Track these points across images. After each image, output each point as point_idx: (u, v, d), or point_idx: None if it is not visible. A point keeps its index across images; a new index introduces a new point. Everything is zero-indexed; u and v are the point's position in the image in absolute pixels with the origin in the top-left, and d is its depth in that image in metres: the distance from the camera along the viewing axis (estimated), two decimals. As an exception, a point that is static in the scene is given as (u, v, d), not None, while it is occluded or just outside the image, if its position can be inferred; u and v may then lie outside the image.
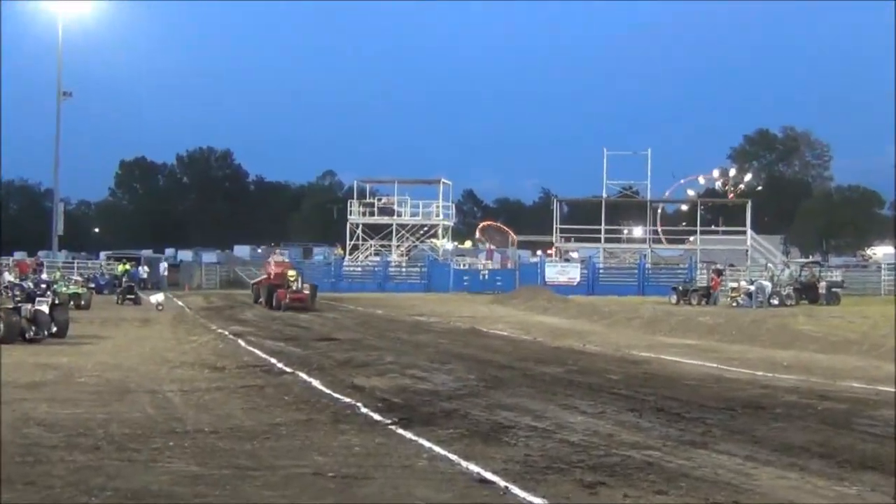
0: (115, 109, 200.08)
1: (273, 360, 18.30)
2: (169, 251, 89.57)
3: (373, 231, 71.89)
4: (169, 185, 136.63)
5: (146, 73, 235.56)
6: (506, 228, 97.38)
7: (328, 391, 14.02)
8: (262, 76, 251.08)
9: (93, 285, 48.30)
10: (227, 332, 25.44)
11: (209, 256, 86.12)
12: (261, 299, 39.95)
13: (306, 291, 37.14)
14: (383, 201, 73.48)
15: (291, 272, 38.06)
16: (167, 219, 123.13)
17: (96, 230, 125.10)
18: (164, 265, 65.19)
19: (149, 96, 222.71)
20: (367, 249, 71.36)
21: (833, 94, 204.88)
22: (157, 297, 36.77)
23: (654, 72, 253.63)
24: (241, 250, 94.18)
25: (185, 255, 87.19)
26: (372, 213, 71.80)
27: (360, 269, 69.41)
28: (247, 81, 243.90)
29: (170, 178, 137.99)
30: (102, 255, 76.57)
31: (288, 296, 36.31)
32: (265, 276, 41.61)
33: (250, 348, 21.11)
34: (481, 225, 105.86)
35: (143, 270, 60.02)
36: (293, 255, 78.56)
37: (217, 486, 7.95)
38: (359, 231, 70.99)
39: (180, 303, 42.82)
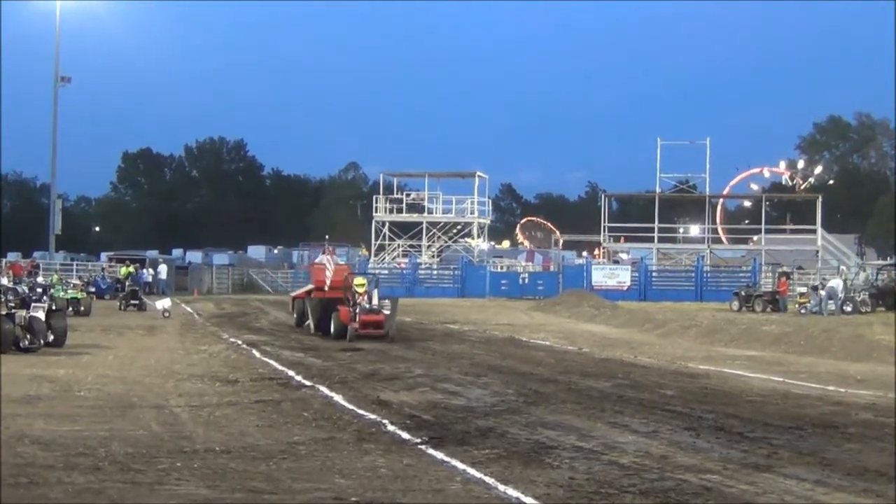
0: (118, 97, 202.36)
1: (291, 373, 18.36)
2: (176, 252, 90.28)
3: (401, 230, 72.01)
4: (176, 180, 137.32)
5: (152, 56, 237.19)
6: (549, 225, 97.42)
7: (351, 407, 14.05)
8: (279, 59, 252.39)
9: (93, 289, 48.61)
10: (240, 342, 25.56)
11: (221, 258, 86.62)
12: (308, 321, 30.56)
13: (385, 311, 26.99)
14: (412, 197, 73.66)
15: (359, 280, 28.12)
16: (174, 216, 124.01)
17: (97, 229, 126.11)
18: (162, 267, 63.60)
19: (155, 82, 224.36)
20: (394, 250, 71.51)
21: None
22: (164, 303, 37.00)
23: (713, 51, 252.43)
24: (256, 251, 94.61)
25: (195, 256, 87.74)
26: (400, 210, 71.92)
27: (386, 271, 69.56)
28: (262, 65, 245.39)
29: (177, 171, 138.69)
30: (103, 256, 77.31)
31: (358, 317, 26.38)
32: (313, 287, 31.16)
33: (266, 359, 21.19)
34: (522, 222, 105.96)
35: (148, 273, 60.44)
36: (313, 256, 78.95)
37: (229, 512, 7.98)
38: (385, 230, 71.13)
39: (189, 309, 43.07)
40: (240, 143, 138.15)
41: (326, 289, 29.97)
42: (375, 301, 27.13)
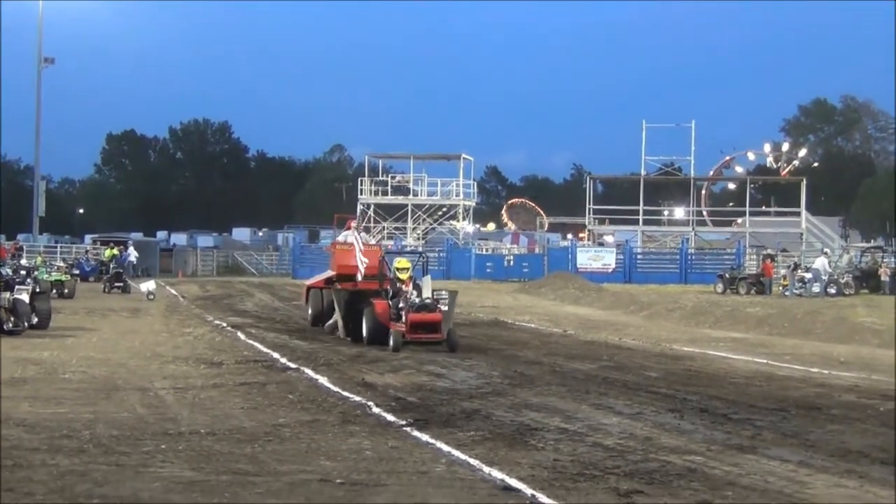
0: (102, 78, 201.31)
1: (276, 355, 18.37)
2: (161, 234, 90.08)
3: (386, 212, 71.97)
4: (161, 162, 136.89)
5: (136, 37, 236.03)
6: (536, 207, 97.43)
7: (336, 389, 14.06)
8: (263, 40, 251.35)
9: (77, 272, 48.59)
10: (224, 324, 25.55)
11: (205, 240, 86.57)
12: (333, 321, 23.29)
13: (443, 307, 20.00)
14: (397, 179, 73.55)
15: (402, 262, 21.12)
16: (159, 198, 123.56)
17: (81, 211, 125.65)
18: (130, 251, 60.32)
19: (139, 63, 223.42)
20: (379, 232, 71.49)
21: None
22: (148, 286, 36.93)
23: (699, 34, 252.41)
24: (241, 233, 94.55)
25: (179, 238, 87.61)
26: (385, 193, 71.88)
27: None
28: (247, 46, 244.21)
29: (162, 153, 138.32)
30: (88, 238, 77.17)
31: (404, 315, 19.53)
32: (336, 274, 24.78)
33: (250, 342, 21.19)
34: (508, 203, 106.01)
35: (133, 255, 60.25)
36: (299, 239, 78.90)
37: (214, 494, 7.98)
38: (370, 212, 71.09)
39: (173, 291, 43.03)
40: (224, 125, 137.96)
41: (360, 277, 23.13)
42: (428, 292, 20.04)
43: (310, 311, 25.72)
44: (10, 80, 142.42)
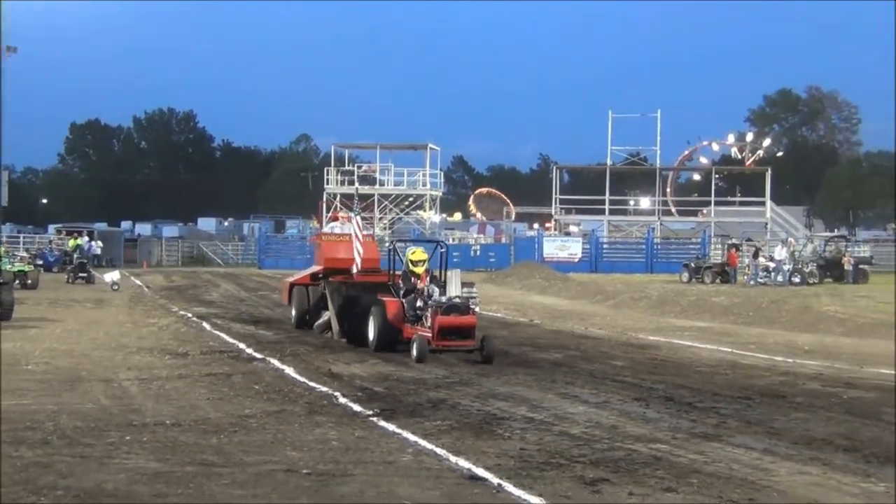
0: (66, 67, 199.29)
1: (241, 345, 18.31)
2: (125, 224, 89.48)
3: (352, 202, 71.68)
4: (125, 151, 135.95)
5: (100, 26, 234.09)
6: (503, 196, 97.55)
7: (303, 379, 14.04)
8: (229, 29, 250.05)
9: (41, 262, 48.30)
10: (190, 315, 25.45)
11: (170, 230, 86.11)
12: (323, 321, 20.75)
13: (475, 308, 17.90)
14: (364, 169, 73.33)
15: (417, 252, 18.00)
16: (123, 188, 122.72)
17: (44, 201, 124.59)
18: (88, 242, 59.10)
19: (103, 51, 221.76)
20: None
21: (863, 48, 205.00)
22: (113, 276, 36.67)
23: (665, 24, 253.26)
24: (206, 223, 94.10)
25: (144, 228, 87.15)
26: (351, 182, 71.55)
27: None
28: (212, 35, 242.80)
29: (126, 143, 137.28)
30: (51, 228, 76.52)
31: (429, 318, 16.53)
32: (323, 269, 22.03)
33: (216, 332, 21.12)
34: (475, 193, 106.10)
35: (97, 246, 59.84)
36: (264, 228, 78.64)
37: (179, 485, 7.95)
38: (336, 202, 70.79)
39: (138, 282, 42.75)
40: (189, 115, 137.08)
41: (356, 271, 20.53)
42: (455, 289, 17.65)
43: (294, 312, 22.80)
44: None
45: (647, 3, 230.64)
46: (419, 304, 16.93)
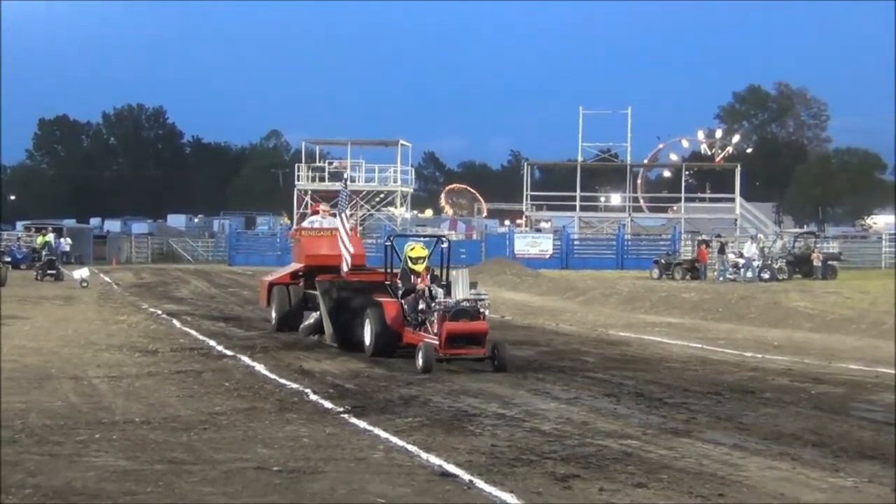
0: (34, 61, 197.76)
1: (212, 343, 18.26)
2: (94, 221, 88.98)
3: (323, 198, 71.54)
4: (94, 147, 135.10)
5: (68, 19, 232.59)
6: (474, 193, 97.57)
7: (273, 376, 14.01)
8: (198, 24, 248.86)
9: (8, 259, 47.93)
10: (159, 312, 25.34)
11: (140, 227, 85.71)
12: (312, 323, 19.38)
13: (485, 310, 15.25)
14: (335, 165, 73.20)
15: (416, 249, 16.57)
16: (92, 185, 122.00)
17: (12, 197, 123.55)
18: (57, 239, 57.60)
19: (72, 47, 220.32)
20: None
21: (831, 46, 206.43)
22: (82, 273, 36.49)
23: (635, 21, 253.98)
24: (176, 220, 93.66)
25: (113, 225, 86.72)
26: (322, 179, 71.44)
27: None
28: (182, 30, 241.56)
29: (95, 139, 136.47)
30: (19, 225, 75.92)
31: (442, 325, 14.78)
32: (304, 266, 21.12)
33: (186, 329, 21.04)
34: (447, 188, 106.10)
35: (66, 242, 59.47)
36: (235, 225, 78.38)
37: (149, 483, 7.92)
38: (307, 198, 70.52)
39: (107, 279, 42.56)
40: (159, 111, 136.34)
41: (346, 270, 18.49)
42: (463, 291, 15.30)
43: (274, 313, 21.13)
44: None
45: (617, 1, 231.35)
46: (421, 306, 15.43)
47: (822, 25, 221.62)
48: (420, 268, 16.12)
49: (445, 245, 17.25)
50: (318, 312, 18.66)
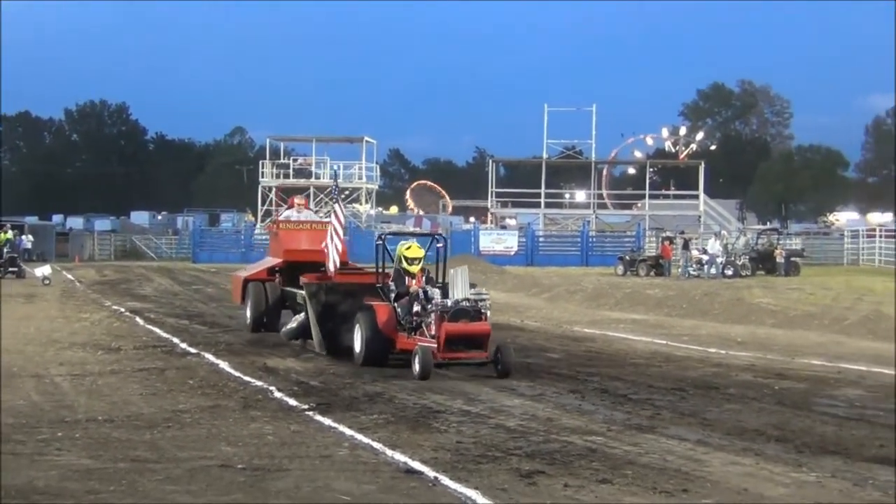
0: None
1: (175, 340, 18.17)
2: (57, 218, 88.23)
3: (287, 195, 71.27)
4: (56, 144, 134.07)
5: (29, 14, 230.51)
6: (439, 189, 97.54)
7: (237, 374, 13.97)
8: (161, 19, 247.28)
9: (-31, 257, 47.34)
10: (122, 309, 25.17)
11: (102, 224, 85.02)
12: (295, 327, 17.57)
13: (486, 310, 14.52)
14: (299, 162, 73.06)
15: (411, 248, 15.27)
16: (55, 181, 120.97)
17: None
18: (18, 236, 57.20)
19: (32, 42, 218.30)
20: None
21: (795, 44, 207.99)
22: (44, 270, 36.20)
23: (600, 18, 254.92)
24: (139, 217, 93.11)
25: (76, 222, 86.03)
26: (287, 176, 71.25)
27: (274, 237, 68.74)
28: (144, 26, 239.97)
29: (57, 135, 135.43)
30: (-21, 222, 75.20)
31: (440, 328, 13.87)
32: (279, 262, 20.17)
33: (149, 326, 20.92)
34: (412, 185, 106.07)
35: (28, 240, 58.92)
36: (199, 222, 78.02)
37: (112, 481, 7.88)
38: (272, 195, 70.38)
39: (70, 276, 42.21)
40: (122, 107, 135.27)
41: (332, 268, 17.06)
42: (461, 290, 14.32)
43: (249, 313, 19.90)
44: None
45: (581, 1, 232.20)
46: (416, 308, 14.35)
47: (786, 23, 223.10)
48: (416, 269, 15.03)
49: (441, 244, 16.22)
50: (301, 315, 17.36)
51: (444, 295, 14.35)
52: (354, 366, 14.86)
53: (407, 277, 14.94)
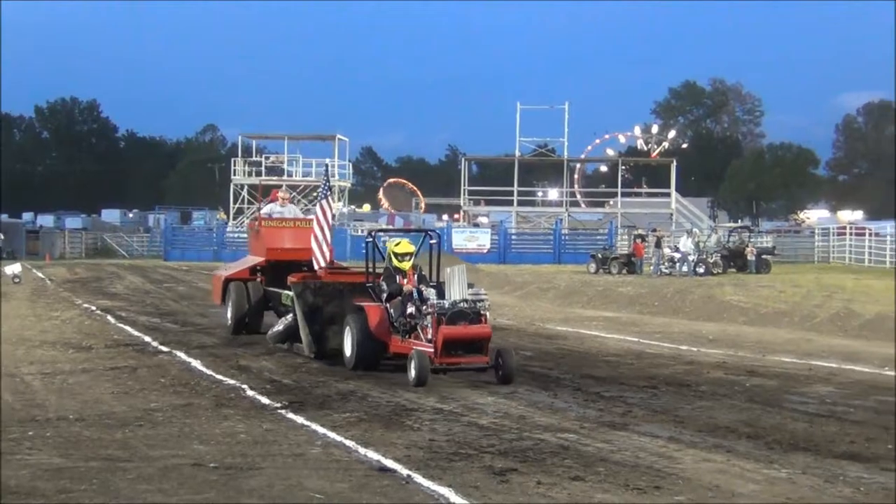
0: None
1: (147, 338, 18.10)
2: (27, 216, 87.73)
3: (264, 195, 71.05)
4: (26, 141, 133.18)
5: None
6: (413, 187, 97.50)
7: (210, 372, 13.93)
8: (131, 16, 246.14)
9: (-62, 255, 47.05)
10: (94, 308, 25.04)
11: (73, 221, 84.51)
12: (282, 330, 16.69)
13: (486, 312, 13.78)
14: (271, 160, 72.74)
15: (402, 244, 14.62)
16: (25, 179, 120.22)
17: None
18: None
19: (2, 37, 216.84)
20: (252, 213, 70.67)
21: (766, 43, 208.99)
22: (14, 269, 35.93)
23: (573, 17, 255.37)
24: (111, 214, 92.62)
25: (46, 220, 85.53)
26: (259, 173, 70.99)
27: (245, 235, 68.62)
28: (114, 23, 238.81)
29: (27, 132, 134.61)
30: (-50, 220, 74.72)
31: (437, 331, 13.02)
32: (261, 260, 19.39)
33: (121, 325, 20.83)
34: (386, 183, 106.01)
35: (-1, 239, 58.54)
36: (170, 220, 77.71)
37: (84, 481, 7.85)
38: (244, 193, 70.23)
39: (40, 274, 41.93)
40: (93, 104, 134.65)
41: (321, 268, 16.46)
42: (459, 291, 13.66)
43: (230, 313, 19.12)
44: None
45: (554, 1, 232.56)
46: (410, 309, 13.73)
47: (758, 22, 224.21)
48: (406, 265, 14.33)
49: (434, 241, 15.58)
50: (288, 317, 16.60)
51: (440, 295, 13.74)
52: (328, 364, 14.85)
53: (398, 276, 14.29)
